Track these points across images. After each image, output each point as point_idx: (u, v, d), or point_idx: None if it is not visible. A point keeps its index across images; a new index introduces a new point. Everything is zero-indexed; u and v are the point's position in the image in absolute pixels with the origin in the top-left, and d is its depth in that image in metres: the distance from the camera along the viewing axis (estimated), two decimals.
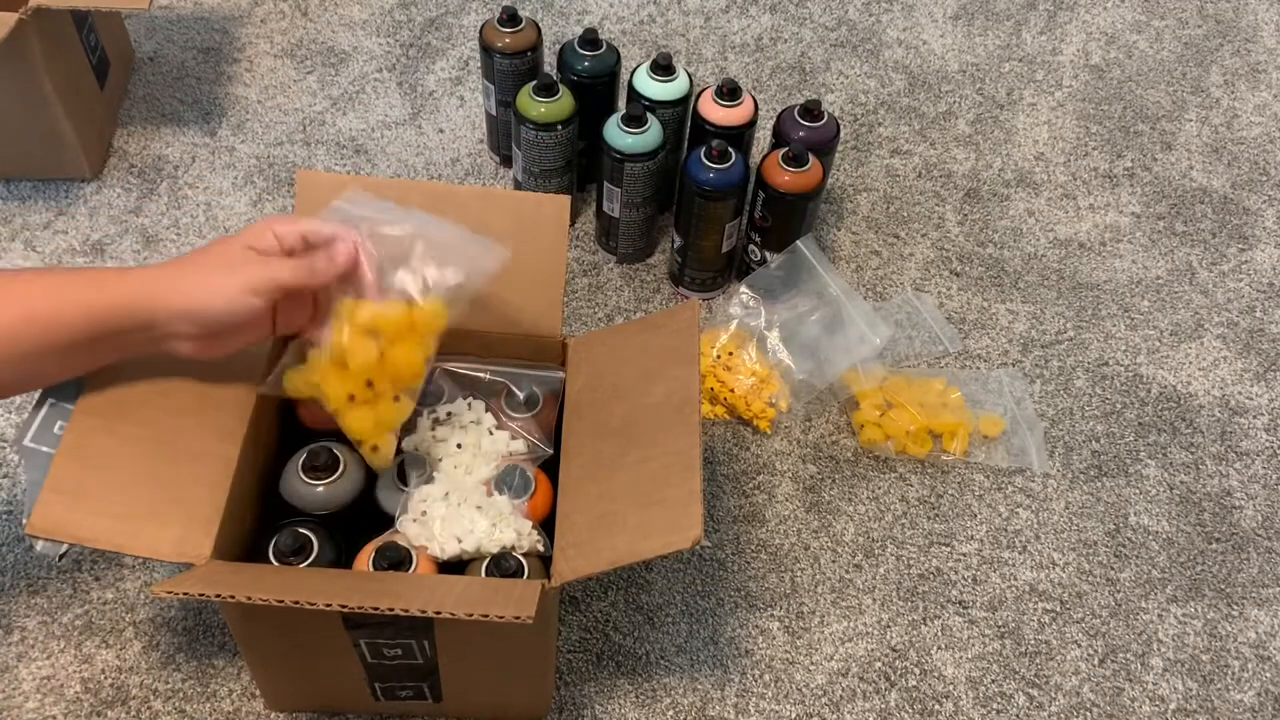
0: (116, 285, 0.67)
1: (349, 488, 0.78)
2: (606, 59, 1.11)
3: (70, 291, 0.67)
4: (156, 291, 0.67)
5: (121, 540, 0.67)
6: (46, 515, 0.66)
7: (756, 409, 1.01)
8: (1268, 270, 1.21)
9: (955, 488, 1.00)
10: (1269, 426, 1.07)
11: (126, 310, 0.67)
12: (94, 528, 0.66)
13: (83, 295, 0.67)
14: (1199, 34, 1.48)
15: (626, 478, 0.72)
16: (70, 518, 0.66)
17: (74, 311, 0.66)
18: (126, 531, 0.67)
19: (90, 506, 0.67)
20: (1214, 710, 0.89)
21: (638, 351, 0.80)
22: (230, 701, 0.83)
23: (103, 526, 0.67)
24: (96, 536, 0.67)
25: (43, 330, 0.66)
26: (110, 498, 0.68)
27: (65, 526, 0.66)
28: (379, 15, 1.38)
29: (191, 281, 0.68)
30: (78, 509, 0.67)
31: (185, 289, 0.67)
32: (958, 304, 1.14)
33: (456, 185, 1.18)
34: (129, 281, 0.67)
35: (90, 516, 0.67)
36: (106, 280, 0.67)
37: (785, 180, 1.03)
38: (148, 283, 0.67)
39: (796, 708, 0.86)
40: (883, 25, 1.44)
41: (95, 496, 0.68)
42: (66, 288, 0.67)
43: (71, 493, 0.67)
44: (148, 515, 0.68)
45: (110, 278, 0.68)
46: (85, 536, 0.67)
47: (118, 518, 0.67)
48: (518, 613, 0.62)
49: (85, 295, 0.67)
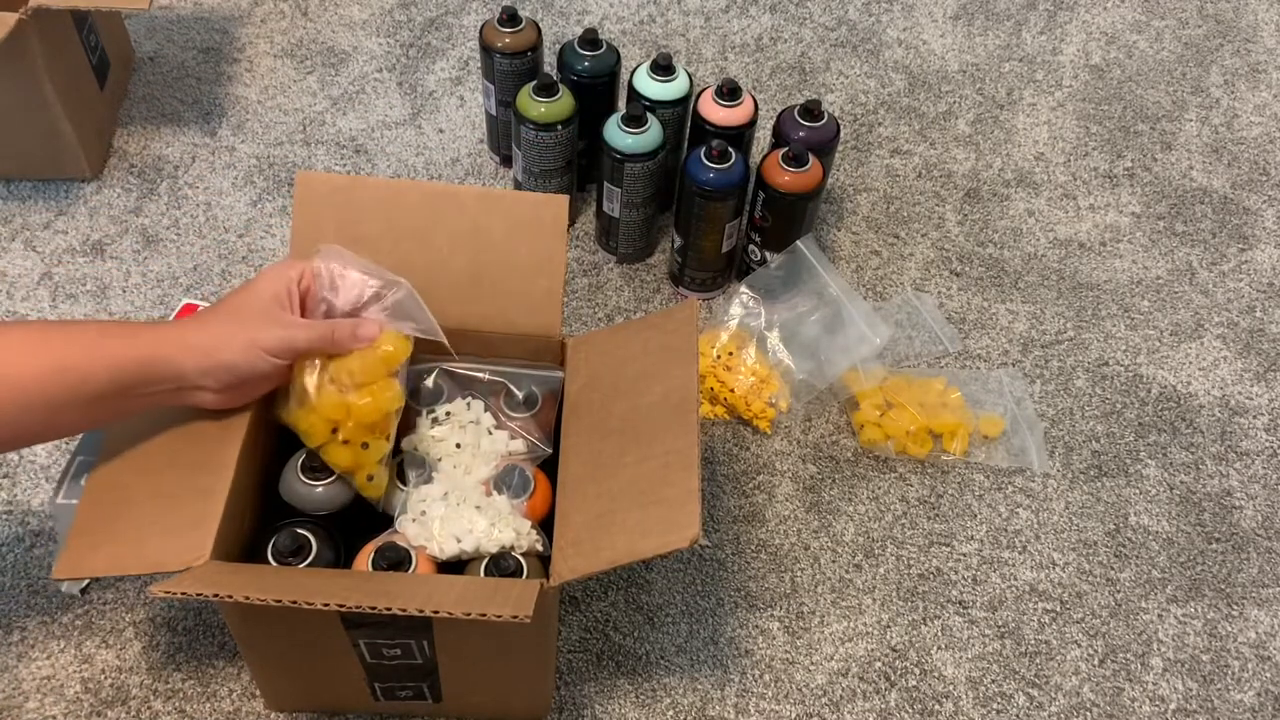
0: (147, 340, 0.69)
1: (348, 488, 0.78)
2: (606, 59, 1.11)
3: (101, 345, 0.68)
4: (183, 347, 0.69)
5: (129, 562, 0.68)
6: (70, 560, 0.67)
7: (756, 409, 1.01)
8: (1268, 270, 1.21)
9: (955, 488, 1.00)
10: (1269, 426, 1.07)
11: (155, 365, 0.68)
12: (106, 557, 0.68)
13: (113, 349, 0.68)
14: (1199, 34, 1.48)
15: (625, 477, 0.72)
16: (88, 556, 0.68)
17: (104, 365, 0.67)
18: (132, 552, 0.68)
19: (103, 537, 0.68)
20: (1214, 710, 0.88)
21: (637, 351, 0.80)
22: (230, 701, 0.83)
23: (113, 553, 0.68)
24: (109, 565, 0.68)
25: (74, 382, 0.66)
26: (119, 521, 0.69)
27: (84, 565, 0.68)
28: (379, 15, 1.38)
29: (215, 335, 0.70)
30: (94, 544, 0.68)
31: (208, 346, 0.69)
32: (958, 304, 1.14)
33: (456, 185, 1.18)
34: (158, 337, 0.69)
35: (103, 547, 0.68)
36: (139, 335, 0.69)
37: (785, 180, 1.03)
38: (174, 337, 0.69)
39: (796, 708, 0.86)
40: (883, 25, 1.44)
41: (108, 526, 0.69)
42: (98, 341, 0.68)
43: (89, 532, 0.68)
44: (151, 528, 0.69)
45: (142, 333, 0.70)
46: (100, 568, 0.69)
47: (125, 540, 0.68)
48: (516, 612, 0.62)
49: (116, 349, 0.68)
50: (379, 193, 0.82)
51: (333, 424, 0.73)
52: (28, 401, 0.65)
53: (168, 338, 0.69)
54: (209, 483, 0.70)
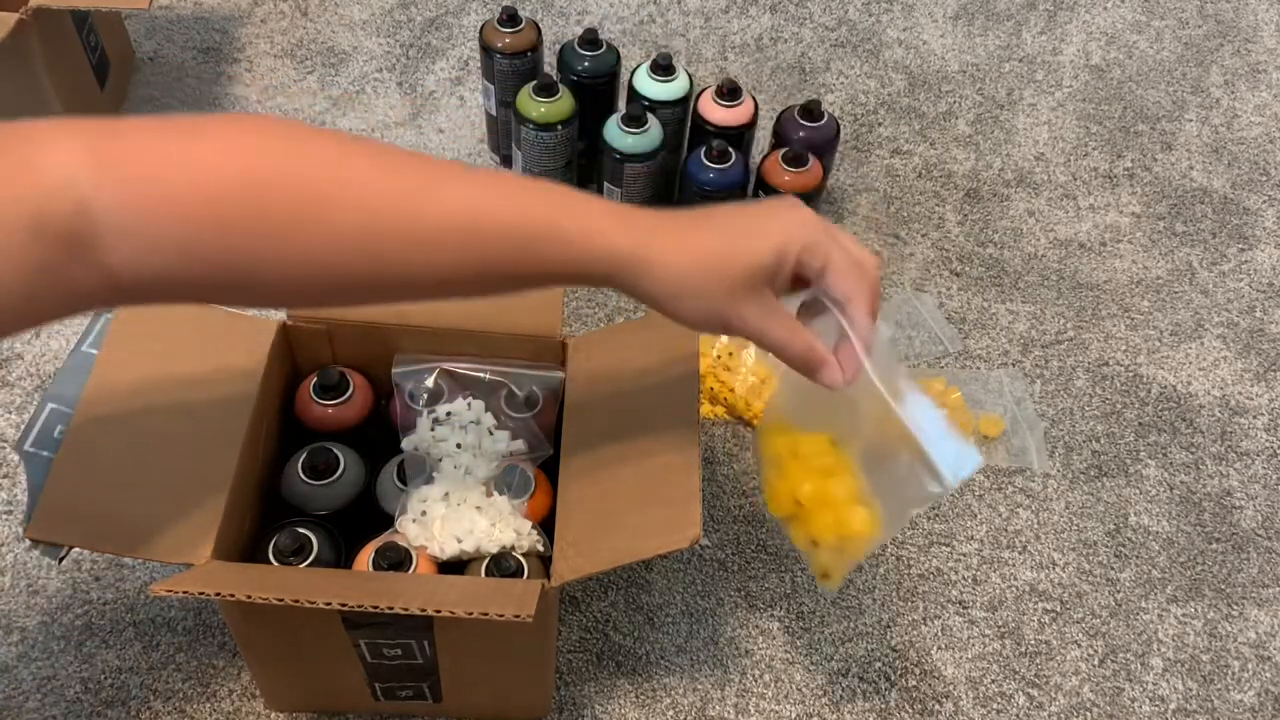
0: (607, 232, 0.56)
1: (349, 488, 0.78)
2: (606, 59, 1.11)
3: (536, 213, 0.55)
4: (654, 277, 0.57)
5: (120, 544, 0.67)
6: (47, 520, 0.66)
7: (756, 409, 1.01)
8: (1268, 270, 1.21)
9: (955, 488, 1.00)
10: (1269, 426, 1.07)
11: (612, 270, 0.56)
12: (94, 530, 0.66)
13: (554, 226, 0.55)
14: (1199, 34, 1.48)
15: (626, 477, 0.72)
16: (70, 522, 0.66)
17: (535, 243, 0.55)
18: (126, 534, 0.67)
19: (90, 510, 0.67)
20: (1214, 710, 0.88)
21: (637, 351, 0.80)
22: (230, 701, 0.83)
23: (103, 529, 0.67)
24: (97, 540, 0.67)
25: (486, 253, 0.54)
26: (110, 500, 0.68)
27: (66, 531, 0.66)
28: (379, 15, 1.38)
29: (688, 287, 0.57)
30: (78, 513, 0.67)
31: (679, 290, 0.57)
32: (958, 304, 1.14)
33: None
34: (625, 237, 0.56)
35: (90, 520, 0.67)
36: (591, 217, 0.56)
37: (785, 180, 1.03)
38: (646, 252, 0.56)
39: (796, 708, 0.86)
40: (883, 25, 1.44)
41: (95, 499, 0.68)
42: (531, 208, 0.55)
43: (71, 496, 0.67)
44: (147, 516, 0.68)
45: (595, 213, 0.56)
46: (85, 541, 0.67)
47: (117, 520, 0.67)
48: (518, 611, 0.62)
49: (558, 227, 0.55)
50: None
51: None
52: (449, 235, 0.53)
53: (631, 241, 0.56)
54: (208, 476, 0.70)
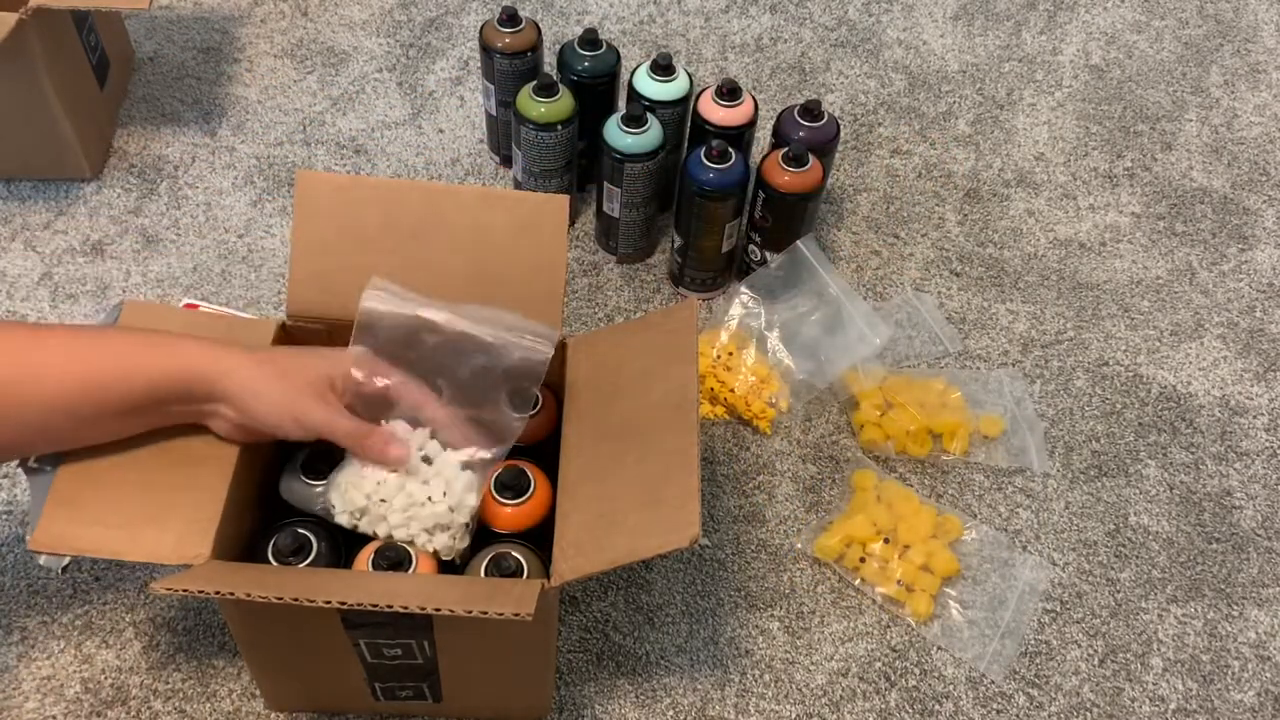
0: (192, 354, 0.69)
1: None
2: (606, 59, 1.11)
3: (139, 357, 0.68)
4: (233, 380, 0.69)
5: (121, 547, 0.67)
6: (49, 530, 0.66)
7: (756, 409, 1.01)
8: (1268, 270, 1.21)
9: (955, 488, 1.00)
10: (1269, 426, 1.07)
11: (197, 380, 0.69)
12: (94, 537, 0.67)
13: (153, 360, 0.68)
14: (1199, 34, 1.48)
15: (625, 477, 0.72)
16: (72, 530, 0.67)
17: (142, 377, 0.67)
18: (126, 538, 0.67)
19: (90, 516, 0.68)
20: (1214, 710, 0.88)
21: (636, 351, 0.80)
22: (230, 701, 0.83)
23: (103, 535, 0.67)
24: (97, 546, 0.67)
25: (105, 395, 0.67)
26: (110, 505, 0.68)
27: (67, 539, 0.67)
28: (379, 15, 1.38)
29: (262, 388, 0.70)
30: (79, 520, 0.67)
31: (254, 390, 0.70)
32: (958, 304, 1.14)
33: (456, 185, 1.18)
34: (207, 355, 0.69)
35: (90, 526, 0.67)
36: (180, 348, 0.69)
37: (785, 180, 1.03)
38: (225, 363, 0.69)
39: (796, 708, 0.86)
40: (883, 25, 1.44)
41: (95, 506, 0.68)
42: (135, 353, 0.68)
43: (72, 505, 0.67)
44: (146, 519, 0.68)
45: (186, 346, 0.70)
46: (86, 547, 0.67)
47: (117, 525, 0.67)
48: (517, 610, 0.62)
49: (155, 360, 0.68)
50: (379, 192, 0.82)
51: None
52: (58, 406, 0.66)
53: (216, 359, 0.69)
54: (207, 477, 0.70)
